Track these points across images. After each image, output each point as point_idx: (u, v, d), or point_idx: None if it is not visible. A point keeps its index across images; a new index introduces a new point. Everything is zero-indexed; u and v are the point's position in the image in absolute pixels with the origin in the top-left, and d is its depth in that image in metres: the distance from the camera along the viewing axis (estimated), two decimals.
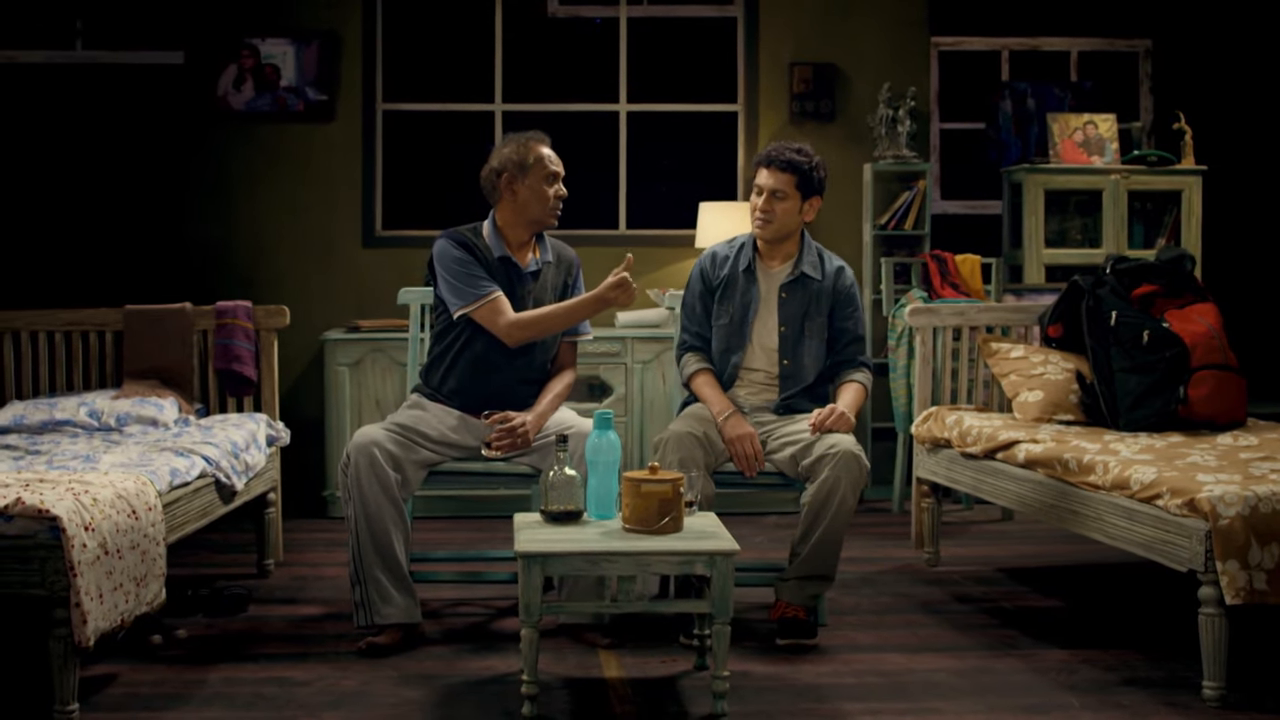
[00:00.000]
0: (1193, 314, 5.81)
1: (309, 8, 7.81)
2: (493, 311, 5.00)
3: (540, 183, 5.07)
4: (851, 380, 5.32)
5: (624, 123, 8.09)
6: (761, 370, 5.33)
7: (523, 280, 5.12)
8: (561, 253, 5.29)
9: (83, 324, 6.20)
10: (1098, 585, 5.87)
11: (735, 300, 5.33)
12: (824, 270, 5.35)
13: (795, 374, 5.30)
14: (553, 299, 5.18)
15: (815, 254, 5.39)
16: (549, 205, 5.12)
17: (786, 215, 5.27)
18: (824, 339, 5.34)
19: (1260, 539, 4.14)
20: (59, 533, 3.87)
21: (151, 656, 4.75)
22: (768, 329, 5.32)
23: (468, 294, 5.01)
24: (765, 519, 7.16)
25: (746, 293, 5.32)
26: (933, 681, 4.51)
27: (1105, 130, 8.18)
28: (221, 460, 5.32)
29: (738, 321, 5.32)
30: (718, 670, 4.14)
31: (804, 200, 5.28)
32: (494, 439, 4.95)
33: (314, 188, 7.84)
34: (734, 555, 4.12)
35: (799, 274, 5.31)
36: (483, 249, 5.09)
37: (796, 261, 5.33)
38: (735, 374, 5.32)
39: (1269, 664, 4.70)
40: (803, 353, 5.31)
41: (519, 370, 5.12)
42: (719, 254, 5.43)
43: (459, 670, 4.61)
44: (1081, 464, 4.94)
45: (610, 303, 5.01)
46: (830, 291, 5.34)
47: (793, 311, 5.30)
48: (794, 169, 5.24)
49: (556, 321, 5.06)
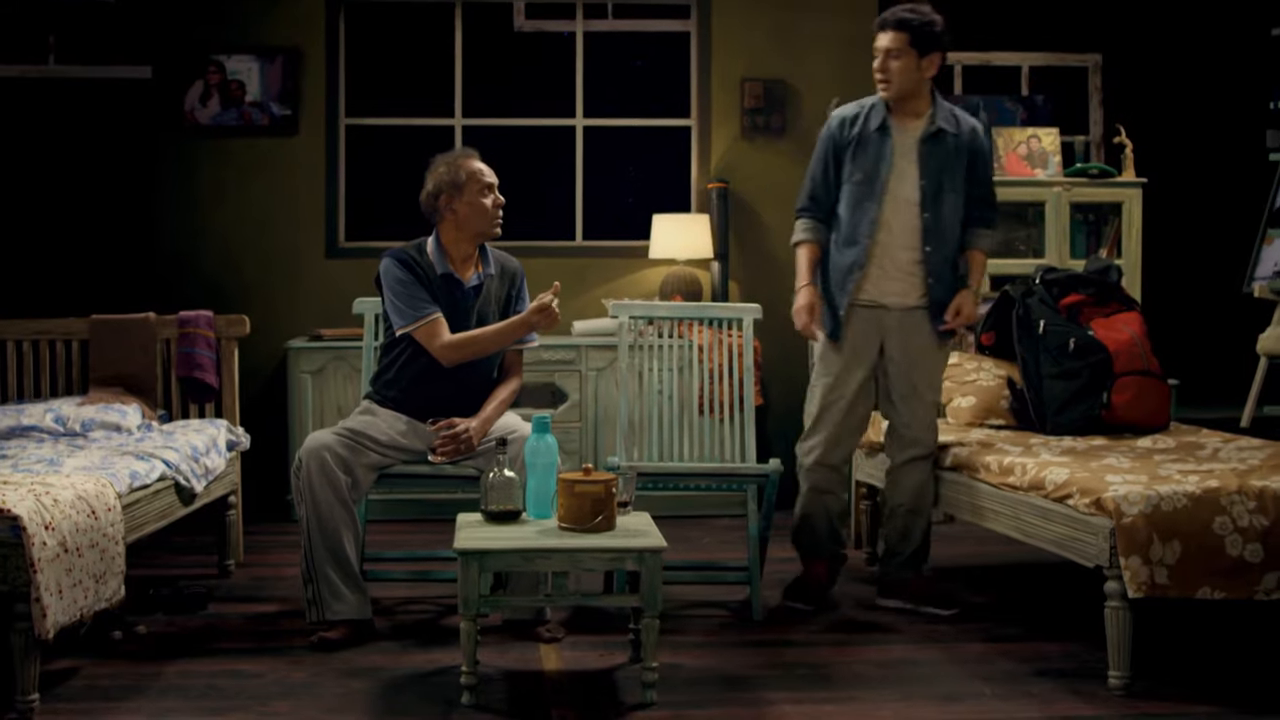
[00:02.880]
0: (1118, 322, 6.05)
1: (273, 25, 8.01)
2: (429, 334, 5.24)
3: (477, 196, 5.29)
4: (976, 249, 5.58)
5: (580, 137, 8.31)
6: (902, 225, 5.46)
7: (465, 296, 5.34)
8: (505, 264, 5.51)
9: (50, 333, 6.41)
10: (1024, 582, 6.12)
11: (869, 156, 5.45)
12: (959, 126, 5.50)
13: (936, 227, 5.45)
14: (496, 311, 5.40)
15: (949, 112, 5.52)
16: (489, 216, 5.34)
17: (904, 73, 5.40)
18: (961, 193, 5.50)
19: (1161, 535, 4.39)
20: (20, 531, 4.08)
21: (112, 652, 4.95)
22: (907, 183, 5.44)
23: (408, 314, 5.25)
24: (717, 521, 7.37)
25: (880, 148, 5.44)
26: (856, 673, 4.75)
27: (1048, 144, 8.41)
28: (181, 464, 5.53)
29: (871, 175, 5.44)
30: (647, 661, 4.37)
31: (921, 57, 5.40)
32: (439, 444, 5.18)
33: (278, 200, 8.04)
34: (661, 552, 4.35)
35: (937, 129, 5.45)
36: (425, 267, 5.31)
37: (932, 118, 5.46)
38: (871, 230, 5.44)
39: (1171, 653, 4.95)
40: (943, 205, 5.46)
41: (464, 379, 5.34)
42: (848, 116, 5.56)
43: (405, 663, 4.84)
44: (1002, 466, 5.18)
45: (534, 326, 5.27)
46: (968, 148, 5.50)
47: (932, 166, 5.43)
48: (905, 26, 5.38)
49: (487, 344, 5.29)
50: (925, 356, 5.56)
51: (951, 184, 5.47)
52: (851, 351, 5.55)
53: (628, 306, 5.94)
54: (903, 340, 5.53)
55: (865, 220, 5.45)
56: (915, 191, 5.44)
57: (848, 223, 5.50)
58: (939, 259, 5.47)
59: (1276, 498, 4.47)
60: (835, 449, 5.62)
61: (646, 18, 8.49)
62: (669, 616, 5.34)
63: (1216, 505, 4.44)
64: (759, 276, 8.04)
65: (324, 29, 8.06)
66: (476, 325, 5.33)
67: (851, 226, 5.49)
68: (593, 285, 8.09)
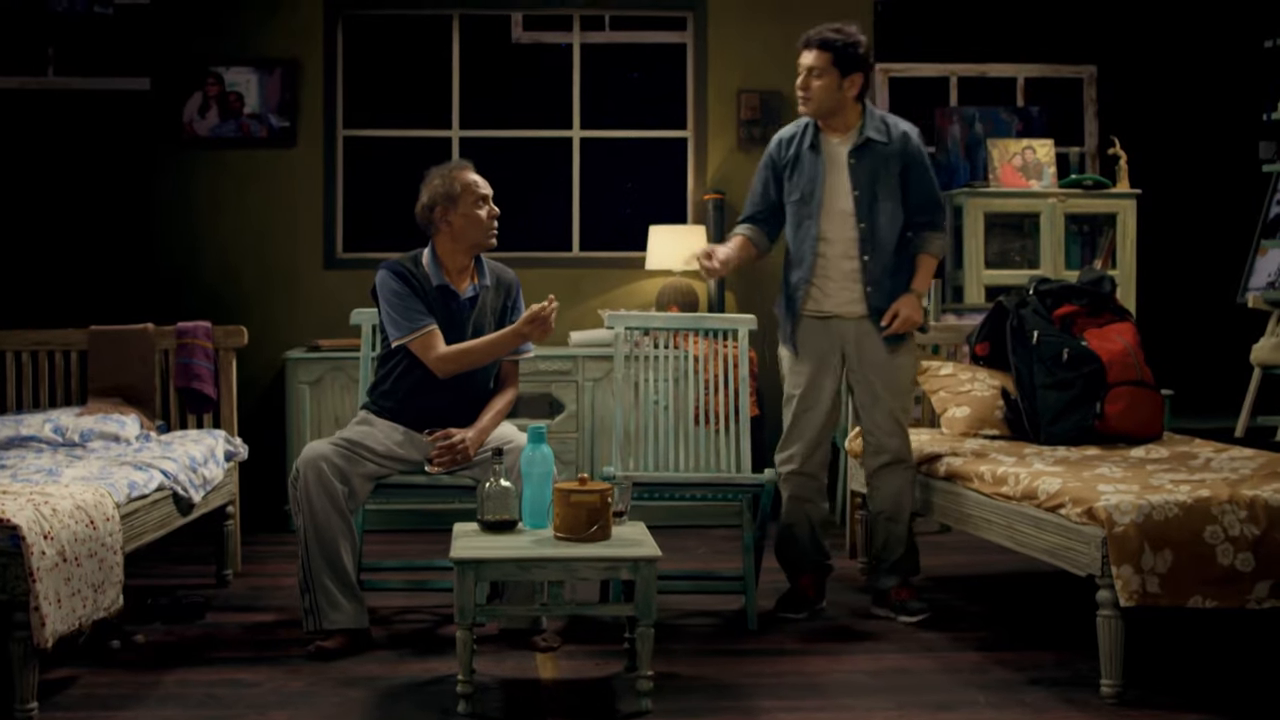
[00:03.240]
0: (1111, 333, 6.09)
1: (271, 37, 8.06)
2: (424, 345, 5.27)
3: (472, 208, 5.33)
4: (924, 252, 5.65)
5: (577, 148, 8.36)
6: (840, 237, 5.58)
7: (461, 307, 5.38)
8: (500, 275, 5.55)
9: (49, 344, 6.44)
10: (1018, 591, 6.14)
11: (804, 174, 5.61)
12: (890, 134, 5.60)
13: (872, 236, 5.56)
14: (493, 322, 5.44)
15: (880, 120, 5.62)
16: (485, 227, 5.37)
17: (825, 91, 5.52)
18: (898, 200, 5.59)
19: (1153, 544, 4.41)
20: (19, 541, 4.11)
21: (110, 660, 4.98)
22: (841, 196, 5.56)
23: (404, 326, 5.28)
24: (714, 531, 7.41)
25: (814, 165, 5.59)
26: (850, 682, 4.77)
27: (1043, 155, 8.46)
28: (179, 474, 5.56)
29: (806, 194, 5.59)
30: (642, 670, 4.40)
31: (843, 76, 5.52)
32: (435, 455, 5.21)
33: (277, 211, 8.09)
34: (656, 561, 4.38)
35: (865, 139, 5.55)
36: (421, 279, 5.34)
37: (860, 129, 5.57)
38: (813, 245, 5.59)
39: (1164, 662, 4.98)
40: (878, 214, 5.56)
41: (460, 390, 5.37)
42: (784, 137, 5.73)
43: (402, 672, 4.87)
44: (995, 475, 5.21)
45: (527, 337, 5.29)
46: (899, 153, 5.59)
47: (863, 175, 5.55)
48: (829, 46, 5.50)
49: (481, 355, 5.32)
50: (880, 363, 5.63)
51: (886, 192, 5.58)
52: (814, 362, 5.67)
53: (623, 317, 5.97)
54: (858, 349, 5.64)
55: (807, 237, 5.61)
56: (850, 203, 5.57)
57: (793, 241, 5.69)
58: (878, 267, 5.58)
59: (1267, 507, 4.50)
60: (810, 458, 5.69)
61: (643, 29, 8.54)
62: (664, 626, 5.36)
63: (1208, 515, 4.47)
64: (754, 287, 8.07)
65: (322, 41, 8.10)
66: (473, 336, 5.36)
67: (796, 244, 5.67)
68: (589, 296, 8.13)
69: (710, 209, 8.05)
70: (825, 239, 5.60)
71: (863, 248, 5.56)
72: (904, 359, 5.68)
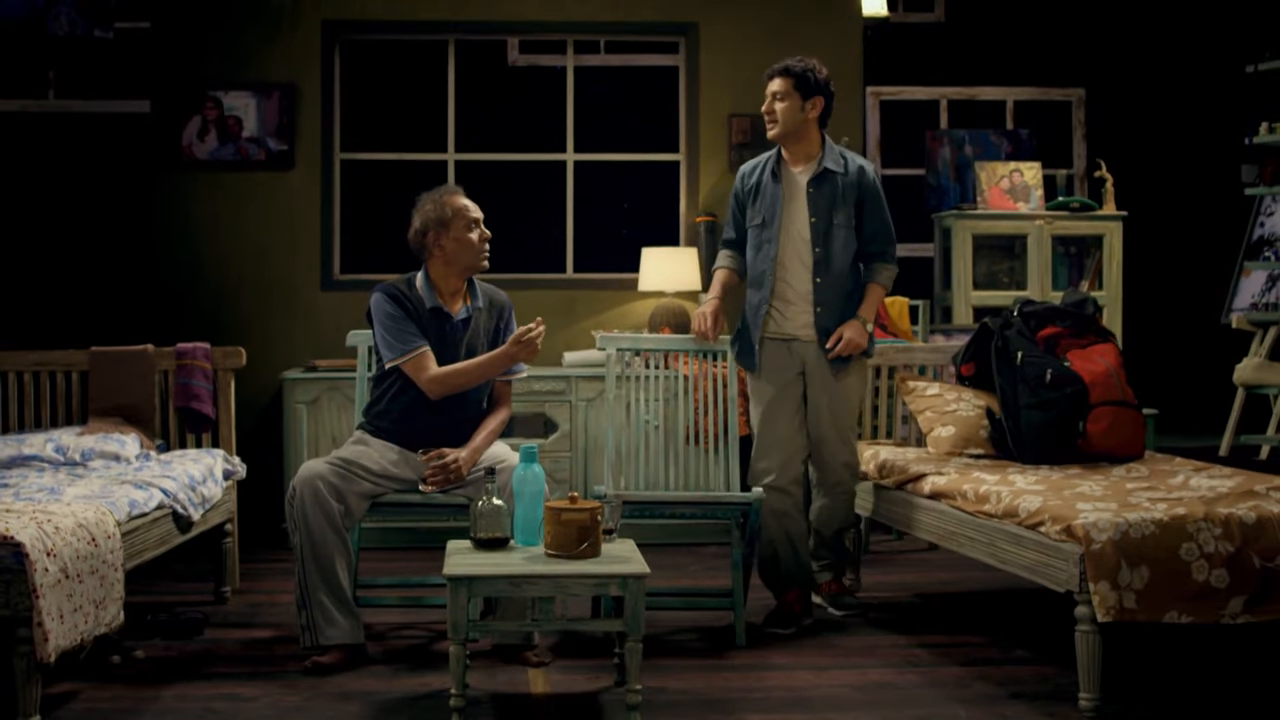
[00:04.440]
0: (1094, 354, 6.19)
1: (269, 61, 8.18)
2: (416, 367, 5.39)
3: (463, 232, 5.45)
4: (872, 282, 5.99)
5: (571, 172, 8.48)
6: (796, 261, 5.90)
7: (454, 329, 5.49)
8: (493, 297, 5.66)
9: (50, 364, 6.55)
10: (1001, 607, 6.24)
11: (765, 201, 5.94)
12: (847, 167, 5.95)
13: (826, 261, 5.89)
14: (485, 343, 5.55)
15: (838, 154, 5.99)
16: (476, 250, 5.50)
17: (789, 114, 5.87)
18: (852, 229, 5.92)
19: (1130, 561, 4.52)
20: (23, 558, 4.22)
21: (111, 675, 5.08)
22: (799, 222, 5.90)
23: (397, 348, 5.40)
24: (704, 548, 7.51)
25: (774, 192, 5.92)
26: (835, 696, 4.88)
27: (1030, 177, 8.59)
28: (179, 493, 5.67)
29: (767, 219, 5.92)
30: (631, 684, 4.50)
31: (805, 100, 5.88)
32: (429, 475, 5.32)
33: (275, 233, 8.20)
34: (644, 578, 4.48)
35: (823, 170, 5.90)
36: (415, 301, 5.46)
37: (820, 160, 5.92)
38: (772, 268, 5.91)
39: (1141, 676, 5.09)
40: (833, 241, 5.89)
41: (454, 410, 5.48)
42: (747, 169, 6.09)
43: (397, 687, 4.97)
44: (978, 494, 5.32)
45: (515, 358, 5.40)
46: (855, 185, 5.94)
47: (821, 203, 5.89)
48: (789, 72, 5.88)
49: (472, 376, 5.43)
50: (828, 383, 5.93)
51: (841, 220, 5.90)
52: (774, 382, 5.94)
53: (615, 339, 6.09)
54: (813, 369, 5.93)
55: (766, 259, 5.92)
56: (807, 229, 5.90)
57: (753, 264, 6.00)
58: (829, 291, 5.90)
59: (1242, 525, 4.61)
60: (783, 472, 5.91)
61: (637, 53, 8.67)
62: (655, 641, 5.49)
63: (1183, 532, 4.58)
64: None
65: (320, 65, 8.22)
66: (465, 357, 5.48)
67: (756, 267, 5.98)
68: (583, 316, 8.25)
69: (702, 231, 8.17)
70: (783, 263, 5.91)
71: (816, 270, 5.88)
72: (850, 380, 5.97)
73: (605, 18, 8.39)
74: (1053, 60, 9.44)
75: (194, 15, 8.15)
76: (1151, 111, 9.45)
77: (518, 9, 8.34)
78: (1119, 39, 9.47)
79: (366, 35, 8.41)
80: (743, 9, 8.37)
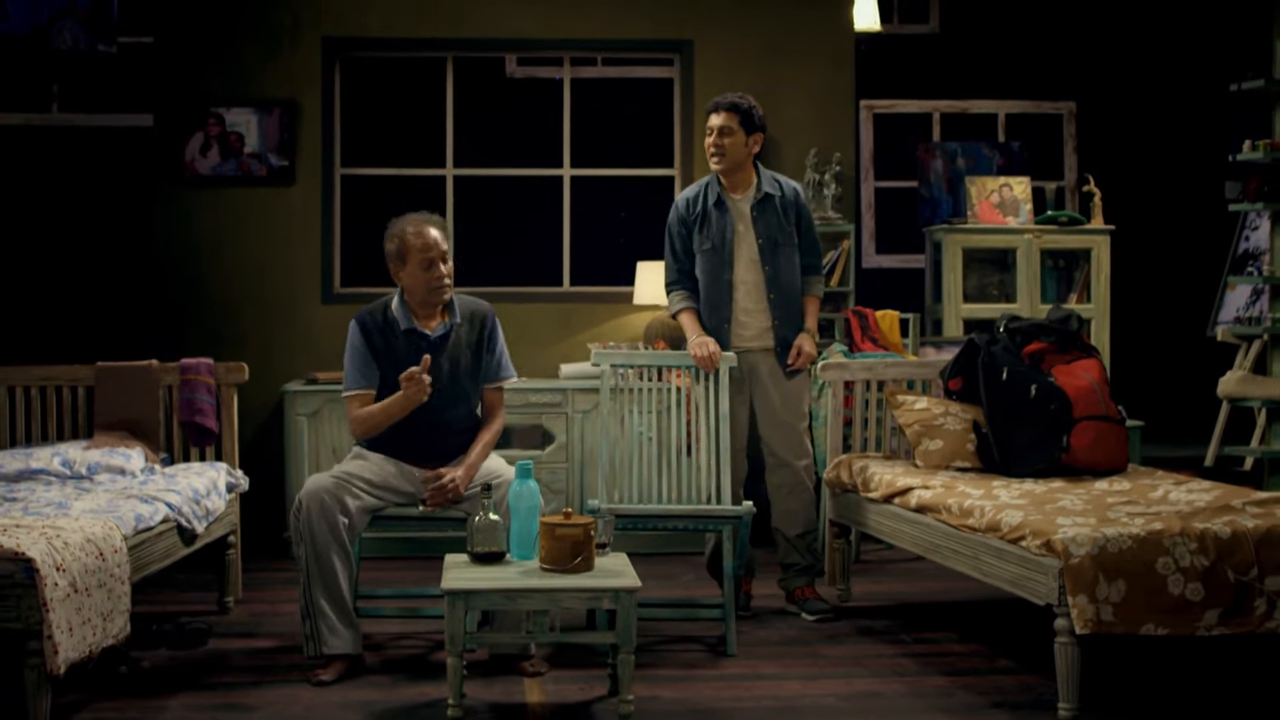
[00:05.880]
0: (1078, 369, 6.32)
1: (271, 78, 8.31)
2: (350, 405, 5.63)
3: (417, 269, 5.59)
4: (808, 295, 6.56)
5: (567, 186, 8.62)
6: (750, 280, 6.40)
7: (432, 347, 5.63)
8: (473, 310, 5.78)
9: (57, 379, 6.69)
10: (985, 618, 6.38)
11: (713, 228, 6.39)
12: (782, 189, 6.47)
13: (776, 277, 6.40)
14: (468, 354, 5.69)
15: (771, 178, 6.49)
16: (431, 288, 5.61)
17: (735, 148, 6.36)
18: (795, 246, 6.46)
19: (1107, 575, 4.66)
20: (33, 573, 4.36)
21: (118, 685, 5.23)
22: (748, 243, 6.39)
23: (348, 381, 5.65)
24: (698, 558, 7.61)
25: (721, 220, 6.39)
26: (822, 705, 5.02)
27: (1020, 192, 8.72)
28: (183, 506, 5.81)
29: (718, 244, 6.38)
30: (623, 694, 4.65)
31: (748, 135, 6.37)
32: (428, 496, 5.47)
33: (276, 248, 8.33)
34: (635, 591, 4.63)
35: (763, 194, 6.40)
36: (390, 326, 5.63)
37: (758, 186, 6.41)
38: (728, 289, 6.39)
39: (1119, 686, 5.24)
40: (780, 259, 6.41)
41: (444, 424, 5.64)
42: (690, 197, 6.50)
43: (396, 696, 5.11)
44: (962, 508, 5.46)
45: (409, 397, 5.46)
46: (793, 205, 6.48)
47: (765, 225, 6.39)
48: (736, 109, 6.36)
49: (384, 418, 5.54)
50: (784, 386, 6.45)
51: (785, 239, 6.43)
52: (733, 390, 6.34)
53: (609, 355, 6.24)
54: (765, 375, 6.44)
55: (722, 281, 6.40)
56: (756, 250, 6.40)
57: (709, 286, 6.43)
58: (783, 304, 6.42)
59: (1216, 539, 4.75)
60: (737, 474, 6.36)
61: (634, 65, 8.82)
62: (648, 650, 5.63)
63: (1160, 547, 4.71)
64: None
65: (320, 82, 8.35)
66: (449, 370, 5.63)
67: (713, 289, 6.42)
68: (579, 330, 8.38)
69: None
70: (738, 283, 6.40)
71: (769, 287, 6.40)
72: (801, 384, 6.52)
73: (601, 35, 8.53)
74: (1044, 73, 9.58)
75: (196, 32, 8.28)
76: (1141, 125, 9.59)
77: (515, 26, 8.48)
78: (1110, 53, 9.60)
79: (366, 53, 8.54)
80: (737, 26, 8.51)
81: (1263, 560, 4.72)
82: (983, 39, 9.59)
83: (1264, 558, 4.73)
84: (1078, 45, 9.60)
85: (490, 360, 5.75)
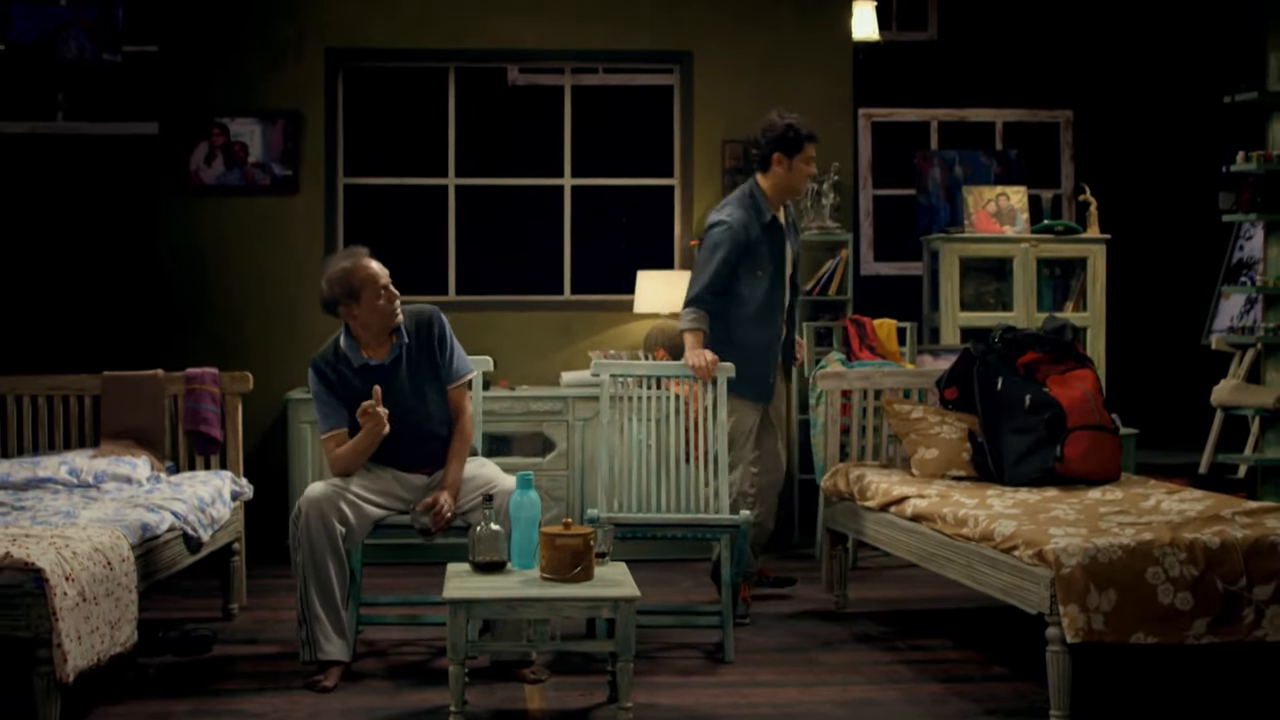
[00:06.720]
0: (1072, 379, 6.40)
1: (275, 89, 8.40)
2: (327, 447, 5.69)
3: (373, 299, 5.65)
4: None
5: (568, 195, 8.71)
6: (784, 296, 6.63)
7: (386, 373, 5.70)
8: (418, 319, 5.83)
9: (63, 389, 6.77)
10: (979, 626, 6.45)
11: (765, 249, 6.50)
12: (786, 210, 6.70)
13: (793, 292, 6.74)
14: (426, 364, 5.76)
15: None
16: (386, 314, 5.69)
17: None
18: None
19: (1098, 585, 4.73)
20: (43, 583, 4.45)
21: (125, 691, 5.30)
22: (788, 262, 6.63)
23: (321, 424, 5.73)
24: (697, 565, 7.71)
25: (773, 242, 6.54)
26: (818, 711, 5.09)
27: (1016, 201, 8.79)
28: (189, 515, 5.89)
29: (778, 265, 6.54)
30: (622, 701, 4.73)
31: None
32: (430, 524, 5.55)
33: (279, 257, 8.41)
34: (634, 601, 4.71)
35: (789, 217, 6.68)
36: (343, 365, 5.70)
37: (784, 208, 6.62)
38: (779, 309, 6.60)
39: (1110, 694, 5.32)
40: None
41: (428, 433, 5.73)
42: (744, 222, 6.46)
43: (398, 702, 5.19)
44: (956, 518, 5.53)
45: (371, 432, 5.54)
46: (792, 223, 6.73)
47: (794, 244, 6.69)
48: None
49: (355, 457, 5.60)
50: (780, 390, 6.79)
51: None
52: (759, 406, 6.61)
53: (608, 365, 6.31)
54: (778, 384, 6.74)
55: (776, 301, 6.54)
56: (791, 267, 6.65)
57: (762, 305, 6.50)
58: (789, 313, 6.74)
59: (1205, 549, 4.82)
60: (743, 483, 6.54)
61: (634, 73, 8.90)
62: (647, 657, 5.71)
63: (1150, 557, 4.78)
64: None
65: (324, 93, 8.43)
66: (411, 389, 5.71)
67: (767, 308, 6.51)
68: (580, 338, 8.46)
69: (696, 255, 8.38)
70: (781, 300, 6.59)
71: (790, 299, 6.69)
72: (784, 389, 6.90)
73: (602, 46, 8.61)
74: (1042, 82, 9.64)
75: (201, 42, 8.37)
76: (1137, 135, 9.65)
77: (516, 37, 8.56)
78: (1107, 63, 9.67)
79: (369, 63, 8.63)
80: (736, 36, 8.59)
81: (1251, 570, 4.80)
82: (981, 48, 9.65)
83: (1252, 567, 4.80)
84: (1075, 55, 9.66)
85: (444, 361, 5.81)
